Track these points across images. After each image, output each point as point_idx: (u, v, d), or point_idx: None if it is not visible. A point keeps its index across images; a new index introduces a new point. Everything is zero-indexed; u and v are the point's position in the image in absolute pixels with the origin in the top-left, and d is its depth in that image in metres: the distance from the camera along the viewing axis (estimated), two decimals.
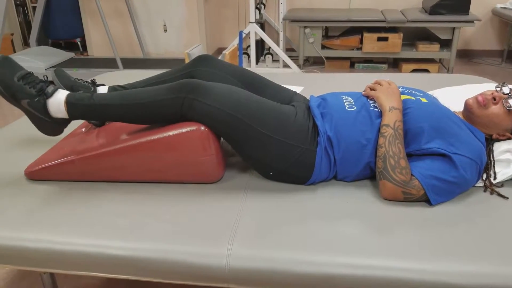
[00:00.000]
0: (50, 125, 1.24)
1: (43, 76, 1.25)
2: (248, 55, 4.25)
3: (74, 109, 1.22)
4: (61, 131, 1.29)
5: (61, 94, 1.23)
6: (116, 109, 1.22)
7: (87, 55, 4.85)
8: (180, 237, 1.03)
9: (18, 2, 4.92)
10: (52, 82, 1.33)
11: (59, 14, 4.62)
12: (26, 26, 5.08)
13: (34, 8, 4.95)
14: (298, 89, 2.02)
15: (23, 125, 1.68)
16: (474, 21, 3.83)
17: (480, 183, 1.22)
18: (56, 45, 5.12)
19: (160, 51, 4.73)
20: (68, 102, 1.22)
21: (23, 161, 1.39)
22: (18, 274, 1.63)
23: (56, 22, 4.65)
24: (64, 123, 1.27)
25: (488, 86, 1.59)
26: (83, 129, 1.47)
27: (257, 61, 4.19)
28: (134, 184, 1.27)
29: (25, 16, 5.05)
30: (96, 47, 4.79)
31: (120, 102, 1.21)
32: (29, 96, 1.19)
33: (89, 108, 1.22)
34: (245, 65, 4.14)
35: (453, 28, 3.93)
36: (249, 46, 4.27)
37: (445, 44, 4.16)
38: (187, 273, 0.99)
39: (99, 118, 1.24)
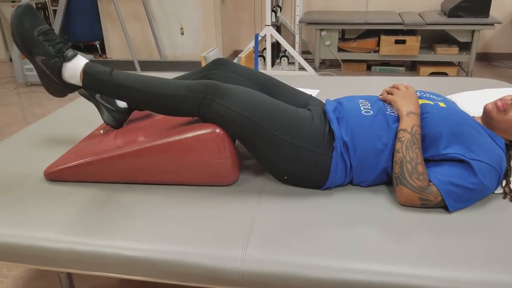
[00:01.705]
0: (58, 87, 1.20)
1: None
2: (264, 58, 4.26)
3: (90, 80, 1.19)
4: (65, 95, 1.25)
5: (81, 61, 1.19)
6: (133, 92, 1.19)
7: (106, 57, 4.92)
8: (195, 240, 1.04)
9: (39, 5, 5.03)
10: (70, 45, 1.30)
11: (79, 17, 4.70)
12: None
13: (54, 11, 5.04)
14: (314, 92, 2.01)
15: (44, 126, 1.71)
16: (494, 24, 3.76)
17: (499, 190, 1.20)
18: (75, 47, 5.21)
19: (177, 53, 4.77)
20: (86, 72, 1.18)
21: (43, 162, 1.42)
22: (36, 272, 1.66)
23: (76, 25, 4.74)
24: (73, 88, 1.23)
25: (508, 91, 1.56)
26: (101, 131, 1.49)
27: (273, 64, 4.19)
28: (150, 186, 1.29)
29: (46, 19, 5.15)
30: (115, 49, 4.86)
31: (139, 87, 1.19)
32: (46, 54, 1.14)
33: (106, 84, 1.19)
34: (260, 68, 4.14)
35: (473, 31, 3.88)
36: (265, 48, 4.28)
37: (464, 47, 4.10)
38: (201, 276, 1.00)
39: (113, 95, 1.22)
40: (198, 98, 1.19)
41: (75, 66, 1.18)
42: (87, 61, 1.21)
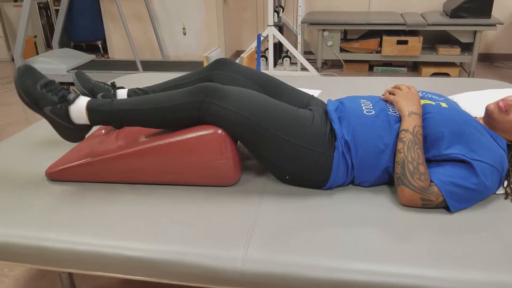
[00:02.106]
0: (72, 132, 1.27)
1: (65, 86, 1.28)
2: (266, 58, 4.26)
3: (95, 115, 1.24)
4: (82, 137, 1.31)
5: (82, 101, 1.25)
6: (135, 114, 1.23)
7: (108, 57, 4.93)
8: (196, 240, 1.04)
9: (41, 5, 5.04)
10: (72, 84, 1.35)
11: (81, 17, 4.71)
12: (49, 28, 5.19)
13: (57, 11, 5.05)
14: (316, 92, 2.01)
15: (45, 126, 1.72)
16: (496, 25, 3.76)
17: (501, 190, 1.19)
18: (77, 47, 5.22)
19: (179, 54, 4.77)
20: (89, 108, 1.24)
21: (44, 162, 1.42)
22: (37, 272, 1.67)
23: (78, 25, 4.75)
24: (85, 129, 1.29)
25: (510, 92, 1.55)
26: (103, 131, 1.49)
27: (275, 64, 4.19)
28: (152, 186, 1.29)
29: (48, 19, 5.17)
30: (117, 49, 4.87)
31: (139, 107, 1.23)
32: (51, 103, 1.21)
33: (109, 114, 1.24)
34: (263, 68, 4.15)
35: (475, 32, 3.87)
36: (267, 49, 4.28)
37: (466, 47, 4.09)
38: (203, 276, 1.00)
39: (119, 123, 1.26)
40: (197, 102, 1.19)
41: (79, 107, 1.24)
42: (89, 99, 1.27)
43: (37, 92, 1.20)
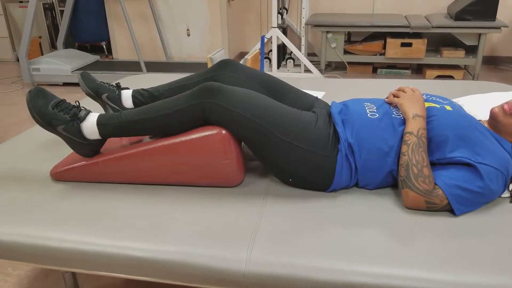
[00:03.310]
0: (86, 147, 1.29)
1: (75, 102, 1.32)
2: (270, 60, 4.26)
3: (105, 129, 1.27)
4: (98, 152, 1.32)
5: (93, 117, 1.28)
6: (143, 123, 1.25)
7: (112, 58, 4.94)
8: (200, 241, 1.04)
9: (46, 6, 5.06)
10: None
11: (85, 18, 4.73)
12: (53, 29, 5.21)
13: (61, 12, 5.07)
14: (319, 94, 2.01)
15: None
16: (501, 27, 3.75)
17: (506, 194, 1.19)
18: (82, 48, 5.24)
19: (183, 55, 4.78)
20: (99, 123, 1.27)
21: (49, 162, 1.43)
22: (41, 272, 1.67)
23: (82, 26, 4.76)
24: (99, 143, 1.30)
25: None
26: None
27: (279, 66, 4.19)
28: (156, 186, 1.29)
29: (53, 20, 5.19)
30: (121, 50, 4.88)
31: (145, 117, 1.25)
32: (64, 122, 1.25)
33: (118, 127, 1.26)
34: (266, 70, 4.15)
35: (479, 34, 3.86)
36: (270, 50, 4.28)
37: (471, 50, 4.08)
38: (206, 277, 1.00)
39: (129, 134, 1.28)
40: (200, 103, 1.20)
41: (91, 123, 1.27)
42: (98, 114, 1.30)
43: (49, 112, 1.24)
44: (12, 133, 3.02)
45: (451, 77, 4.09)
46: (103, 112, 1.51)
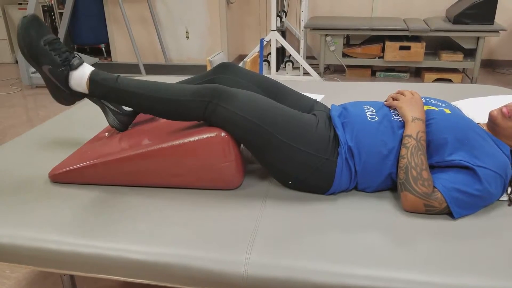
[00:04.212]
0: (66, 96, 1.21)
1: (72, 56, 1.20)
2: (269, 63, 4.27)
3: (97, 87, 1.20)
4: (73, 102, 1.25)
5: (86, 69, 1.21)
6: (138, 98, 1.20)
7: (111, 60, 4.95)
8: (199, 243, 1.04)
9: (45, 8, 5.06)
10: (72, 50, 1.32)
11: (85, 20, 4.73)
12: (53, 31, 5.21)
13: (61, 14, 5.08)
14: (318, 97, 2.01)
15: (49, 128, 1.72)
16: (499, 31, 3.76)
17: (504, 197, 1.19)
18: (81, 50, 5.24)
19: (183, 57, 4.78)
20: (92, 79, 1.20)
21: (48, 164, 1.42)
22: (39, 274, 1.67)
23: (82, 28, 4.76)
24: (80, 96, 1.24)
25: None
26: (106, 133, 1.50)
27: (278, 69, 4.20)
28: (155, 189, 1.29)
29: (52, 22, 5.19)
30: (120, 52, 4.88)
31: (144, 93, 1.20)
32: (52, 63, 1.16)
33: (112, 91, 1.20)
34: (265, 73, 4.15)
35: (478, 38, 3.87)
36: (270, 53, 4.29)
37: (469, 53, 4.09)
38: (205, 280, 1.00)
39: (119, 102, 1.22)
40: (204, 102, 1.19)
41: (82, 74, 1.20)
42: (93, 68, 1.22)
43: (40, 47, 1.14)
44: (11, 135, 3.02)
45: (449, 80, 4.10)
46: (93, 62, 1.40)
